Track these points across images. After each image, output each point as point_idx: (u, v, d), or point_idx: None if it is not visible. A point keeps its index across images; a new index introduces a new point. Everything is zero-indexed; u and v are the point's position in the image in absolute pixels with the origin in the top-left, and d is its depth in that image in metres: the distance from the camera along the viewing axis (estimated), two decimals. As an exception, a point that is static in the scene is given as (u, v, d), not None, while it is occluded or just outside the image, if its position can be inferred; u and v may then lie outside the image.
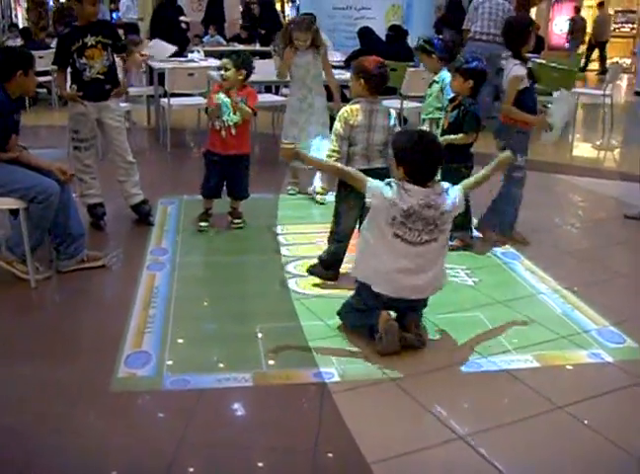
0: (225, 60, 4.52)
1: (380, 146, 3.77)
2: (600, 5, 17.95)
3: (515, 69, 4.31)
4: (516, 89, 4.30)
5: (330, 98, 5.52)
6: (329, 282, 3.86)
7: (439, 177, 3.26)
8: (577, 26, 17.25)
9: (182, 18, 12.22)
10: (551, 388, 2.86)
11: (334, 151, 3.73)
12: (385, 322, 3.05)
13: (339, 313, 3.34)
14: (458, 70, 4.24)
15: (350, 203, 3.76)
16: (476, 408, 2.77)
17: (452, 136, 4.23)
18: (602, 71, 15.92)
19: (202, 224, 4.70)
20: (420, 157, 3.03)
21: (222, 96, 4.49)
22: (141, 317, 3.43)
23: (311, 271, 3.95)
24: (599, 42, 17.16)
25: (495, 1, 8.25)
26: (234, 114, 4.51)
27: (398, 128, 3.84)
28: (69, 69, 4.58)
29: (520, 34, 4.39)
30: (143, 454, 2.45)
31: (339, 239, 3.85)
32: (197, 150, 7.26)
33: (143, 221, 4.80)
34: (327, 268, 3.91)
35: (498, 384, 2.93)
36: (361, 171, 3.60)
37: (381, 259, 3.07)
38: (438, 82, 4.63)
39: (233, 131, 4.53)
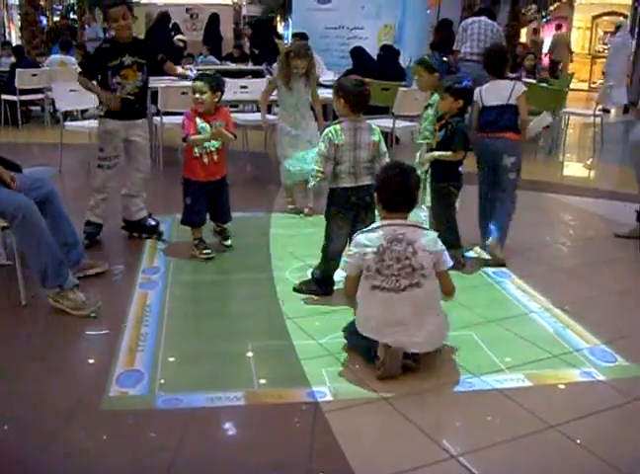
0: (199, 83, 4.37)
1: (367, 163, 3.78)
2: (558, 27, 18.33)
3: (520, 85, 4.57)
4: (527, 103, 4.51)
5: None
6: (321, 301, 3.85)
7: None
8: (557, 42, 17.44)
9: (179, 36, 12.30)
10: (543, 407, 2.86)
11: (319, 172, 3.73)
12: (388, 349, 2.99)
13: (344, 330, 3.33)
14: (449, 90, 4.27)
15: (339, 222, 3.79)
16: (468, 427, 2.76)
17: (441, 153, 4.26)
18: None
19: (207, 251, 4.49)
20: (393, 186, 3.09)
21: (201, 123, 4.40)
22: (133, 335, 3.42)
23: (301, 288, 3.95)
24: (553, 62, 17.26)
25: (484, 22, 8.36)
26: (215, 139, 4.44)
27: (383, 145, 3.86)
28: (98, 83, 4.57)
29: (501, 57, 4.59)
30: (135, 473, 2.44)
31: (331, 257, 3.85)
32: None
33: (152, 234, 4.82)
34: (320, 285, 3.92)
35: (490, 403, 2.93)
36: (349, 189, 3.75)
37: (372, 313, 3.05)
38: (432, 105, 4.58)
39: (215, 157, 4.48)
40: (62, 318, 3.65)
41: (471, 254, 4.62)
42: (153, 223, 4.86)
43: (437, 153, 4.27)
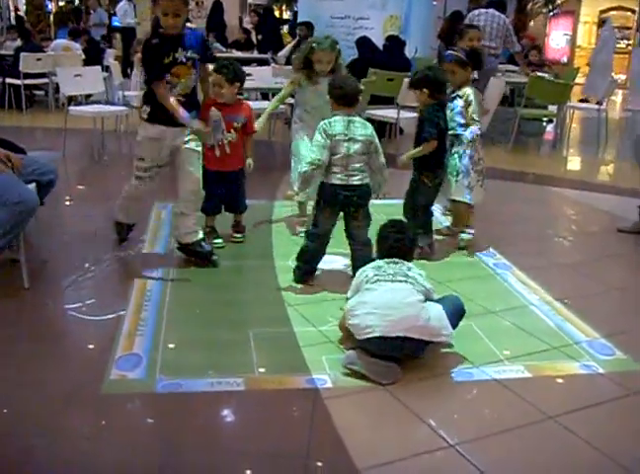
0: (217, 77, 4.24)
1: (360, 158, 3.76)
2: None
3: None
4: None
5: None
6: (322, 289, 3.86)
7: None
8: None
9: (187, 25, 12.29)
10: (542, 398, 2.87)
11: (317, 159, 3.69)
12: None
13: None
14: (412, 86, 4.34)
15: (325, 214, 3.83)
16: (467, 417, 2.77)
17: (413, 151, 4.30)
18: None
19: (218, 241, 4.47)
20: (390, 243, 3.27)
21: (215, 111, 4.31)
22: (133, 320, 3.43)
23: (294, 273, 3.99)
24: None
25: (490, 14, 8.35)
26: (228, 132, 4.37)
27: (378, 142, 3.85)
28: (142, 87, 4.12)
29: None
30: (134, 457, 2.45)
31: (312, 239, 3.89)
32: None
33: (203, 262, 4.16)
34: (300, 267, 3.95)
35: (489, 394, 2.94)
36: (338, 186, 3.75)
37: (369, 304, 3.02)
38: (461, 97, 4.44)
39: (227, 150, 4.40)
40: (63, 302, 3.66)
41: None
42: (207, 249, 4.20)
43: (410, 153, 4.32)
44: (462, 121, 4.48)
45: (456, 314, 3.18)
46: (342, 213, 3.86)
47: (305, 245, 3.93)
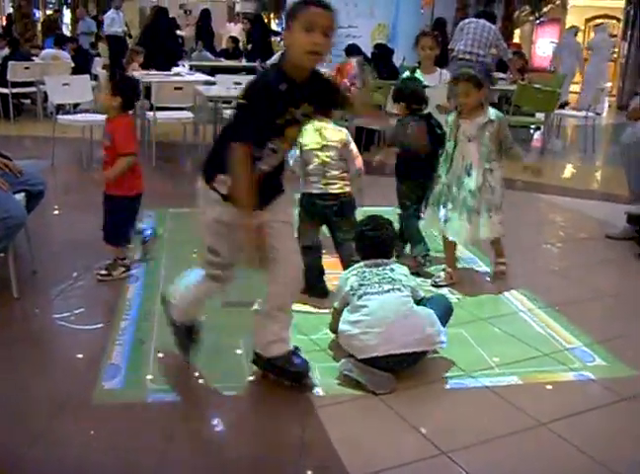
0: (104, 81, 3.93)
1: (337, 163, 3.73)
2: None
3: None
4: None
5: None
6: (314, 299, 3.82)
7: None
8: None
9: (177, 32, 12.36)
10: (534, 405, 2.87)
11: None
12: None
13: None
14: (393, 99, 4.39)
15: (306, 224, 3.80)
16: (459, 424, 2.77)
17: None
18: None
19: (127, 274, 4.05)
20: (368, 241, 3.23)
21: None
22: (122, 329, 3.42)
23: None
24: None
25: (481, 22, 8.48)
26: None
27: (353, 145, 3.85)
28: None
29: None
30: (125, 467, 2.44)
31: (306, 251, 3.61)
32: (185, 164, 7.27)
33: (294, 382, 2.96)
34: (311, 282, 3.75)
35: (481, 401, 2.94)
36: (315, 195, 3.74)
37: (359, 323, 3.00)
38: (493, 120, 4.01)
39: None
40: (53, 311, 3.65)
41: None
42: (298, 365, 2.96)
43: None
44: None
45: (446, 314, 3.23)
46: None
47: (305, 264, 3.79)
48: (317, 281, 3.87)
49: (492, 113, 4.01)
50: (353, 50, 8.89)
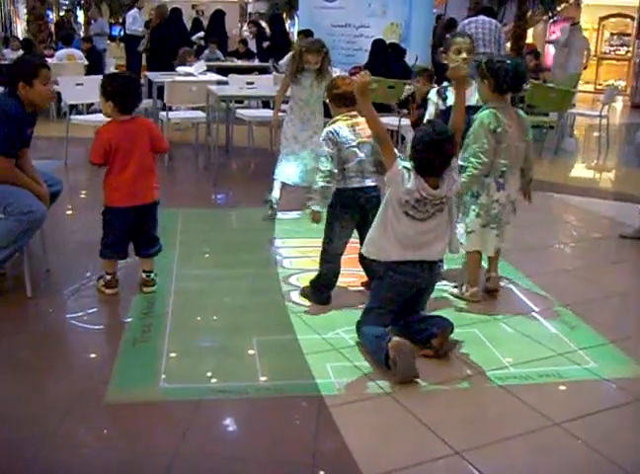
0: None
1: (372, 157, 3.65)
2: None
3: None
4: None
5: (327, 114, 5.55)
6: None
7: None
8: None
9: (199, 34, 12.44)
10: (548, 405, 2.86)
11: (327, 171, 3.60)
12: (397, 345, 2.97)
13: (357, 324, 3.30)
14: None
15: (343, 223, 3.71)
16: (473, 423, 2.76)
17: None
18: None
19: (109, 291, 3.86)
20: (426, 152, 3.05)
21: None
22: (135, 328, 3.42)
23: (304, 294, 3.88)
24: None
25: (481, 21, 8.37)
26: None
27: None
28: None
29: None
30: (138, 466, 2.44)
31: (328, 260, 3.77)
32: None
33: None
34: (319, 290, 3.83)
35: (494, 400, 2.93)
36: (357, 189, 3.66)
37: (394, 230, 3.13)
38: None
39: None
40: (66, 310, 3.66)
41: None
42: None
43: None
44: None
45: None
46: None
47: (322, 270, 3.79)
48: (324, 290, 3.83)
49: None
50: (375, 45, 8.91)
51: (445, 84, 3.99)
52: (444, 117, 3.69)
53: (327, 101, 3.91)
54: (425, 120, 3.77)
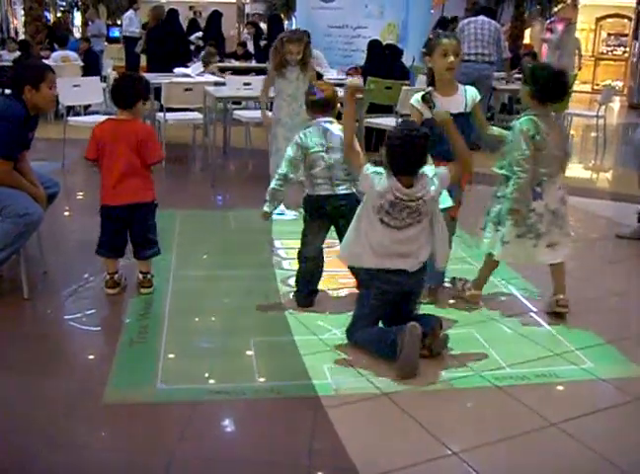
0: None
1: (343, 165, 3.59)
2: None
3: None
4: None
5: None
6: (322, 298, 3.84)
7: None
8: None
9: (197, 34, 12.44)
10: (544, 405, 2.86)
11: (282, 175, 3.62)
12: (413, 328, 2.98)
13: (347, 330, 3.31)
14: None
15: (314, 229, 3.72)
16: (469, 424, 2.77)
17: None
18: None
19: (109, 291, 3.86)
20: (399, 150, 3.05)
21: None
22: (133, 330, 3.42)
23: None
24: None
25: (480, 21, 8.37)
26: None
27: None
28: None
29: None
30: (136, 466, 2.44)
31: (304, 259, 3.76)
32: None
33: None
34: (300, 290, 3.81)
35: (491, 401, 2.93)
36: (324, 197, 3.64)
37: (368, 237, 3.14)
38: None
39: None
40: (63, 312, 3.66)
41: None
42: None
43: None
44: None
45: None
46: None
47: (299, 268, 3.80)
48: (304, 290, 3.80)
49: None
50: (372, 46, 8.90)
51: (429, 89, 3.69)
52: (428, 126, 3.43)
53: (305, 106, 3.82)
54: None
